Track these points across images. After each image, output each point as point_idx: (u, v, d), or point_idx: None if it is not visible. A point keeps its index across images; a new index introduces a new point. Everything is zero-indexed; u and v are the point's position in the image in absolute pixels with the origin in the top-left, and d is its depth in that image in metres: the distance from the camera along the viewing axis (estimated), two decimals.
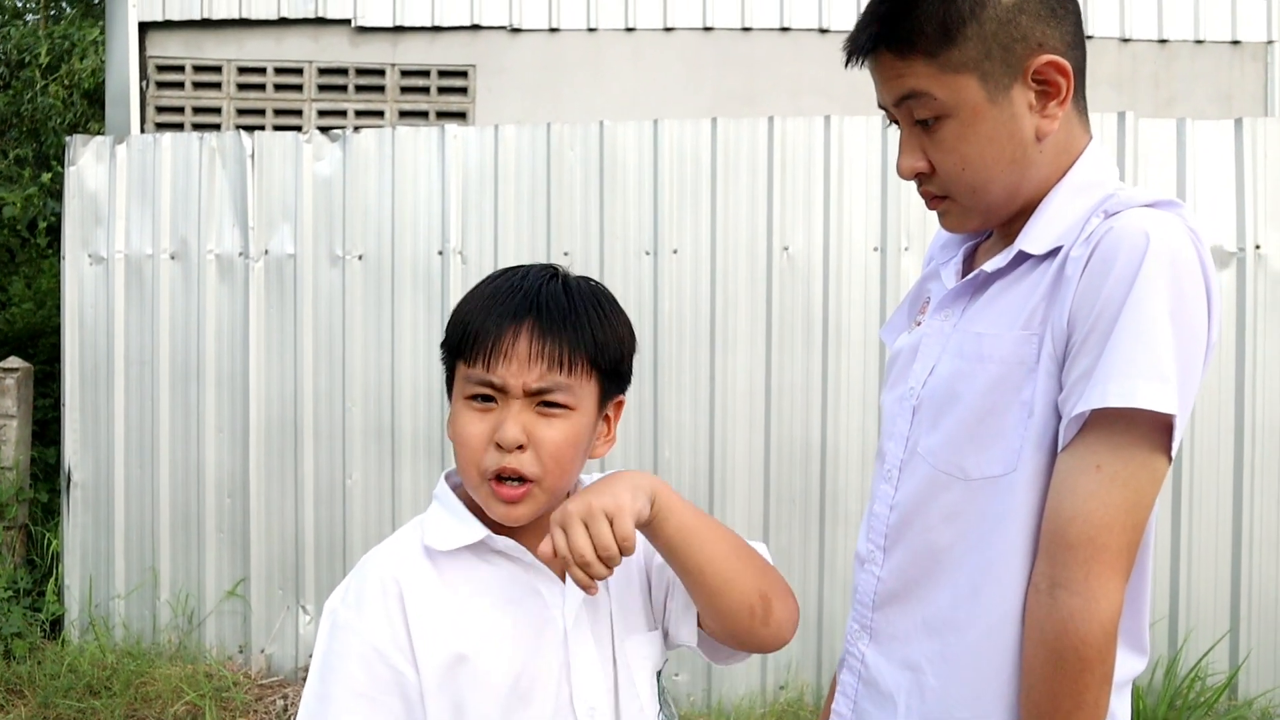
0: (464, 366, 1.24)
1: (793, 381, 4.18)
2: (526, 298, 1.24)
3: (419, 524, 1.31)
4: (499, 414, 1.22)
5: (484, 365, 1.22)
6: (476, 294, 1.29)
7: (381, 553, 1.29)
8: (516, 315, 1.22)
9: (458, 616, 1.24)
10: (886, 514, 1.34)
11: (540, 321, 1.22)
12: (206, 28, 5.25)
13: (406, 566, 1.25)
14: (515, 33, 5.34)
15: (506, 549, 1.26)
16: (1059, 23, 1.22)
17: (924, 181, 1.30)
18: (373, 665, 1.22)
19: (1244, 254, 4.00)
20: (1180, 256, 1.13)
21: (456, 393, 1.26)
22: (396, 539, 1.31)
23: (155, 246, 4.50)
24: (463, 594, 1.25)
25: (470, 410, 1.23)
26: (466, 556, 1.26)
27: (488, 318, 1.23)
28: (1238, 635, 3.99)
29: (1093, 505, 1.13)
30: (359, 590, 1.26)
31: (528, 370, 1.21)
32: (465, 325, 1.25)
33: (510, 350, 1.21)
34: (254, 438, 4.43)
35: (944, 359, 1.29)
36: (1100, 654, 1.13)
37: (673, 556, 1.25)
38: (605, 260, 4.25)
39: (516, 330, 1.22)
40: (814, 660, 4.16)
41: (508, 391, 1.22)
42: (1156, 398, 1.10)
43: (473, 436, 1.22)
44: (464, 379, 1.24)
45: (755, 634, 1.29)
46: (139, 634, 4.47)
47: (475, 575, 1.26)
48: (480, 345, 1.22)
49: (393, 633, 1.22)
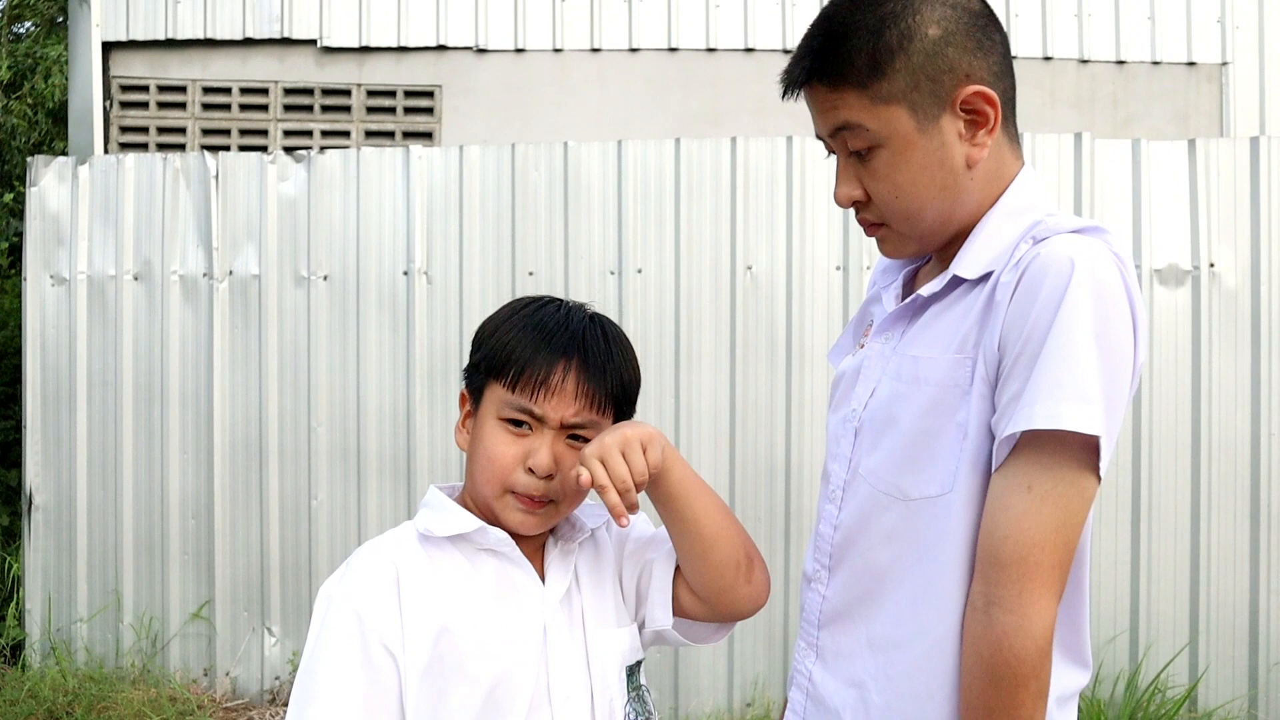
0: (503, 389, 1.34)
1: (757, 399, 4.21)
2: (574, 339, 1.35)
3: (406, 526, 1.39)
4: (532, 440, 1.33)
5: (529, 395, 1.32)
6: (517, 323, 1.37)
7: (376, 541, 1.38)
8: (566, 354, 1.34)
9: (446, 597, 1.31)
10: (831, 534, 1.36)
11: (585, 364, 1.34)
12: (171, 48, 5.25)
13: (402, 551, 1.34)
14: (481, 53, 5.36)
15: (496, 543, 1.34)
16: (985, 54, 1.26)
17: (861, 209, 1.33)
18: (365, 636, 1.28)
19: (1198, 272, 4.07)
20: (1104, 281, 1.15)
21: (488, 410, 1.35)
22: (390, 533, 1.39)
23: (118, 267, 4.48)
24: (452, 579, 1.33)
25: (504, 431, 1.34)
26: (455, 550, 1.35)
27: (538, 352, 1.33)
28: (1197, 648, 4.04)
29: (1025, 524, 1.15)
30: (354, 569, 1.34)
31: (568, 406, 1.33)
32: (511, 353, 1.34)
33: (558, 387, 1.32)
34: (218, 459, 4.41)
35: (883, 381, 1.32)
36: (1034, 669, 1.15)
37: (672, 504, 1.35)
38: (570, 280, 4.28)
39: (565, 369, 1.33)
40: (780, 676, 4.18)
41: (545, 422, 1.33)
42: (1081, 419, 1.13)
43: (505, 456, 1.33)
44: (501, 401, 1.34)
45: (738, 591, 1.39)
46: (101, 658, 4.43)
47: (464, 566, 1.34)
48: (529, 377, 1.32)
49: (385, 607, 1.29)
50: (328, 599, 1.32)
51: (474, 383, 1.40)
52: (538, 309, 1.39)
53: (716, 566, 1.37)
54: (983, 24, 1.26)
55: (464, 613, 1.31)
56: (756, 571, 1.40)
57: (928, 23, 1.23)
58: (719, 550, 1.37)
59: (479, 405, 1.38)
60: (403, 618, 1.29)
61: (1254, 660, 4.03)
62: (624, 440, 1.27)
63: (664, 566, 1.43)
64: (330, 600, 1.32)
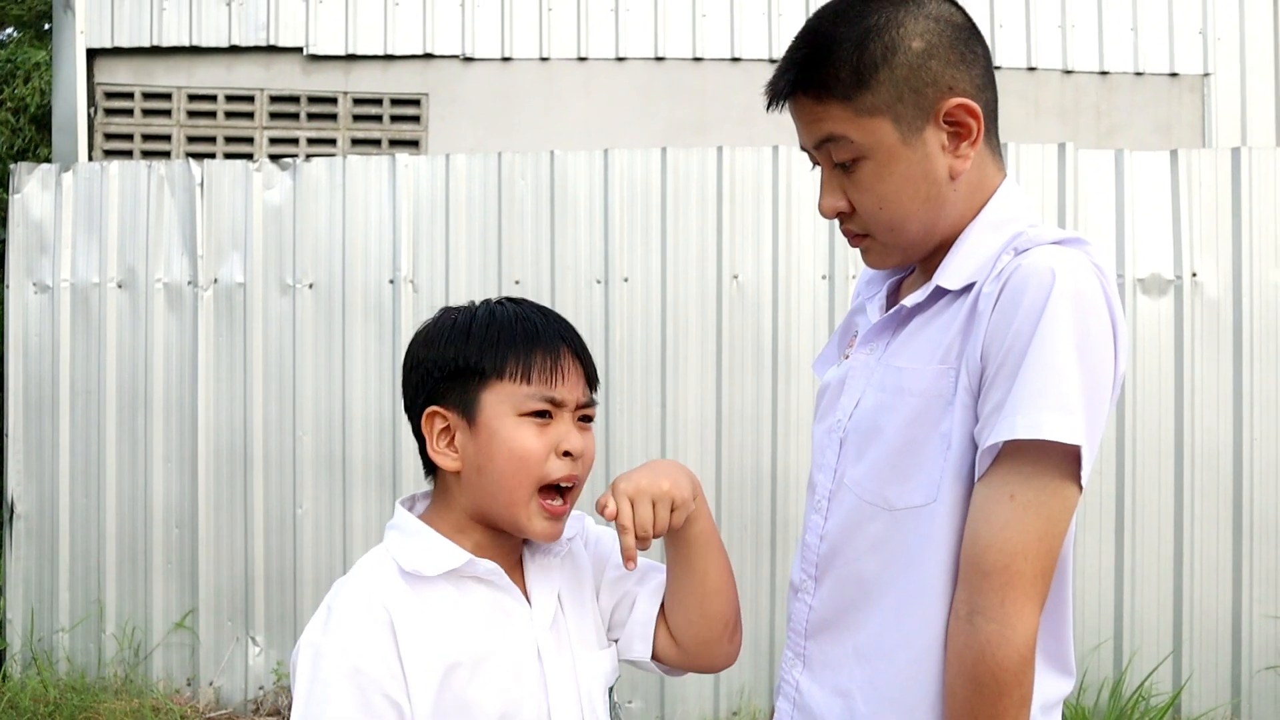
0: (515, 384, 1.31)
1: (743, 408, 4.21)
2: (558, 326, 1.37)
3: (383, 552, 1.32)
4: (557, 428, 1.33)
5: (548, 382, 1.32)
6: (486, 323, 1.35)
7: (357, 580, 1.29)
8: (563, 339, 1.35)
9: (444, 636, 1.27)
10: (817, 544, 1.37)
11: (576, 346, 1.37)
12: (156, 55, 5.24)
13: (390, 591, 1.27)
14: (468, 61, 5.37)
15: (486, 573, 1.31)
16: (968, 67, 1.27)
17: (845, 220, 1.33)
18: (364, 689, 1.22)
19: (1181, 281, 4.10)
20: (1085, 292, 1.16)
21: (499, 412, 1.31)
22: (368, 568, 1.31)
23: (102, 275, 4.46)
24: (447, 616, 1.28)
25: (532, 425, 1.31)
26: (441, 583, 1.30)
27: (538, 340, 1.33)
28: (1180, 656, 4.06)
29: (1007, 534, 1.16)
30: (340, 616, 1.25)
31: (579, 387, 1.35)
32: (509, 348, 1.32)
33: (569, 369, 1.34)
34: (203, 467, 4.39)
35: (868, 392, 1.33)
36: (1016, 678, 1.16)
37: (687, 551, 1.38)
38: (556, 289, 4.28)
39: (570, 352, 1.35)
40: (766, 686, 4.18)
41: (565, 407, 1.33)
42: (1062, 429, 1.13)
43: (539, 448, 1.31)
44: (520, 396, 1.31)
45: (720, 648, 1.42)
46: (83, 668, 4.40)
47: (454, 599, 1.30)
48: (543, 364, 1.32)
49: (383, 656, 1.23)
50: (315, 651, 1.23)
51: (456, 396, 1.33)
52: (493, 309, 1.37)
53: (709, 619, 1.39)
54: (965, 37, 1.27)
55: (464, 649, 1.27)
56: (739, 634, 1.44)
57: (911, 35, 1.24)
58: (715, 605, 1.39)
59: (472, 411, 1.31)
60: (403, 665, 1.23)
61: (1237, 668, 4.05)
62: (658, 492, 1.30)
63: (649, 602, 1.43)
64: (319, 653, 1.23)
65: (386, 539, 1.34)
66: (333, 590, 1.30)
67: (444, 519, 1.35)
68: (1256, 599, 4.03)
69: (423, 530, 1.33)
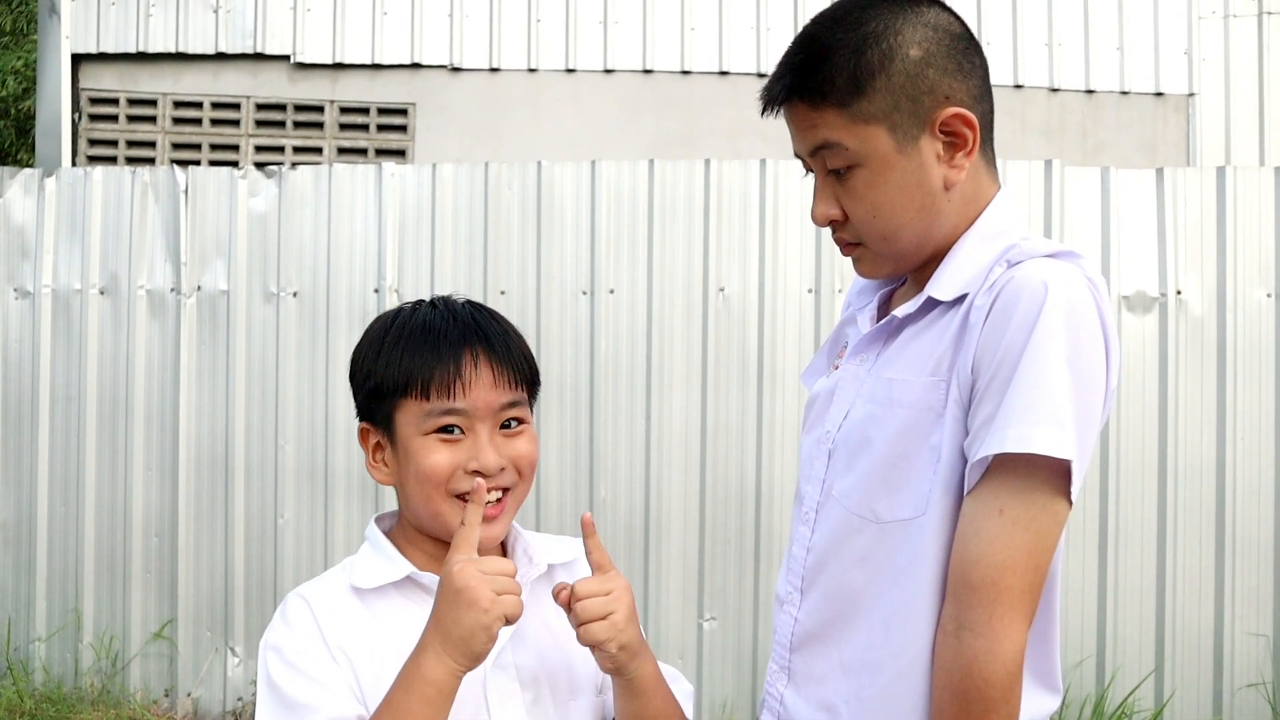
0: (418, 402, 1.26)
1: (728, 422, 4.20)
2: (468, 328, 1.29)
3: (346, 565, 1.32)
4: (469, 444, 1.26)
5: (447, 395, 1.25)
6: (398, 335, 1.29)
7: (305, 587, 1.30)
8: (467, 342, 1.27)
9: (382, 646, 1.24)
10: (804, 556, 1.36)
11: (490, 346, 1.28)
12: (142, 61, 5.21)
13: (327, 600, 1.27)
14: (456, 72, 5.36)
15: (433, 585, 1.25)
16: (965, 77, 1.26)
17: (838, 228, 1.32)
18: (319, 660, 1.22)
19: (1165, 299, 4.11)
20: (1077, 306, 1.16)
21: (408, 432, 1.26)
22: (322, 578, 1.32)
23: (84, 281, 4.43)
24: (388, 626, 1.26)
25: (435, 441, 1.25)
26: (393, 594, 1.27)
27: (439, 350, 1.26)
28: (1163, 672, 4.06)
29: (996, 548, 1.15)
30: (285, 618, 1.27)
31: (490, 392, 1.27)
32: (411, 364, 1.26)
33: (473, 377, 1.26)
34: (183, 476, 4.36)
35: (858, 403, 1.31)
36: (1004, 694, 1.15)
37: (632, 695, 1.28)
38: (542, 300, 4.26)
39: (474, 356, 1.26)
40: (749, 700, 4.16)
41: (475, 417, 1.26)
42: (1053, 443, 1.13)
43: (441, 464, 1.25)
44: (421, 414, 1.25)
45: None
46: (60, 678, 4.35)
47: (401, 612, 1.27)
48: (440, 378, 1.25)
49: (323, 644, 1.23)
50: (266, 648, 1.26)
51: (378, 414, 1.30)
52: (409, 315, 1.32)
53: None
54: (963, 47, 1.27)
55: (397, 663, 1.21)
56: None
57: (909, 43, 1.23)
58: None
59: (393, 434, 1.29)
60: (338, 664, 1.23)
61: (1219, 685, 4.05)
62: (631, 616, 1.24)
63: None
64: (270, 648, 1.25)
65: (361, 548, 1.35)
66: (289, 594, 1.31)
67: (401, 532, 1.35)
68: (1239, 616, 4.04)
69: (382, 543, 1.32)
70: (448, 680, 1.16)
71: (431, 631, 1.17)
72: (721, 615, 4.17)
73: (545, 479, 4.20)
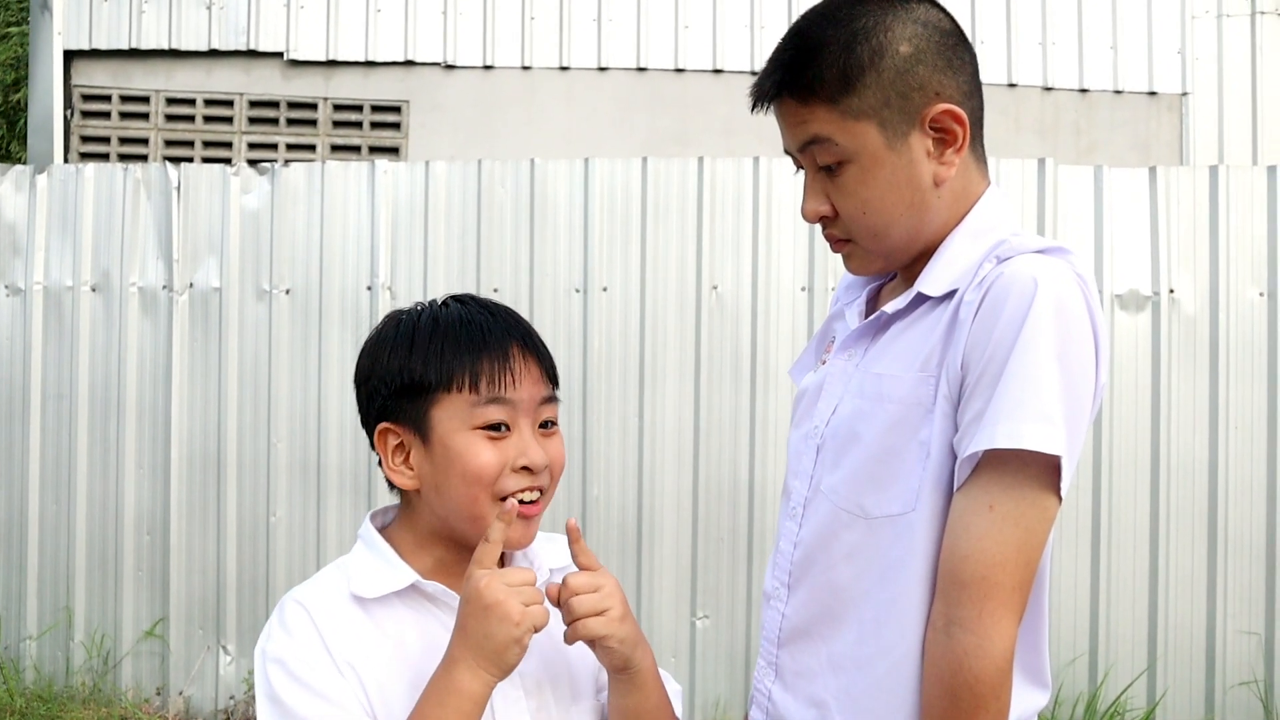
0: (464, 395, 1.22)
1: (721, 419, 4.20)
2: (504, 322, 1.26)
3: (341, 567, 1.27)
4: (515, 440, 1.23)
5: (499, 386, 1.22)
6: (429, 330, 1.25)
7: (302, 593, 1.25)
8: (513, 335, 1.25)
9: (385, 656, 1.21)
10: (791, 551, 1.35)
11: (529, 339, 1.26)
12: (135, 57, 5.20)
13: (328, 609, 1.22)
14: (450, 69, 5.35)
15: (438, 594, 1.23)
16: (955, 73, 1.26)
17: (828, 225, 1.32)
18: (326, 673, 1.18)
19: (1158, 298, 4.12)
20: (1066, 302, 1.15)
21: (451, 427, 1.22)
22: (318, 582, 1.26)
23: (76, 278, 4.42)
24: (391, 636, 1.22)
25: (482, 440, 1.22)
26: (394, 603, 1.23)
27: (486, 343, 1.23)
28: (1155, 671, 4.06)
29: (986, 544, 1.15)
30: (285, 627, 1.21)
31: (538, 385, 1.25)
32: (454, 356, 1.22)
33: (521, 369, 1.23)
34: (175, 474, 4.34)
35: (846, 398, 1.31)
36: (994, 690, 1.15)
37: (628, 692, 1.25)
38: (535, 297, 4.26)
39: (521, 350, 1.24)
40: (741, 697, 4.16)
41: (520, 412, 1.23)
42: (1042, 439, 1.12)
43: (491, 465, 1.21)
44: (469, 407, 1.22)
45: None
46: (51, 676, 4.34)
47: (403, 621, 1.23)
48: (491, 368, 1.22)
49: (328, 656, 1.19)
50: (264, 657, 1.21)
51: (407, 413, 1.25)
52: (441, 311, 1.28)
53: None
54: (953, 43, 1.26)
55: (401, 674, 1.20)
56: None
57: (899, 40, 1.23)
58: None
59: (427, 433, 1.24)
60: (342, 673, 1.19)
61: (1211, 683, 4.05)
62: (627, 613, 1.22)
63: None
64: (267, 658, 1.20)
65: (354, 549, 1.30)
66: (285, 596, 1.26)
67: (405, 535, 1.29)
68: (1231, 614, 4.04)
69: (380, 546, 1.27)
70: (483, 692, 1.15)
71: (460, 646, 1.15)
72: (714, 613, 4.17)
73: None
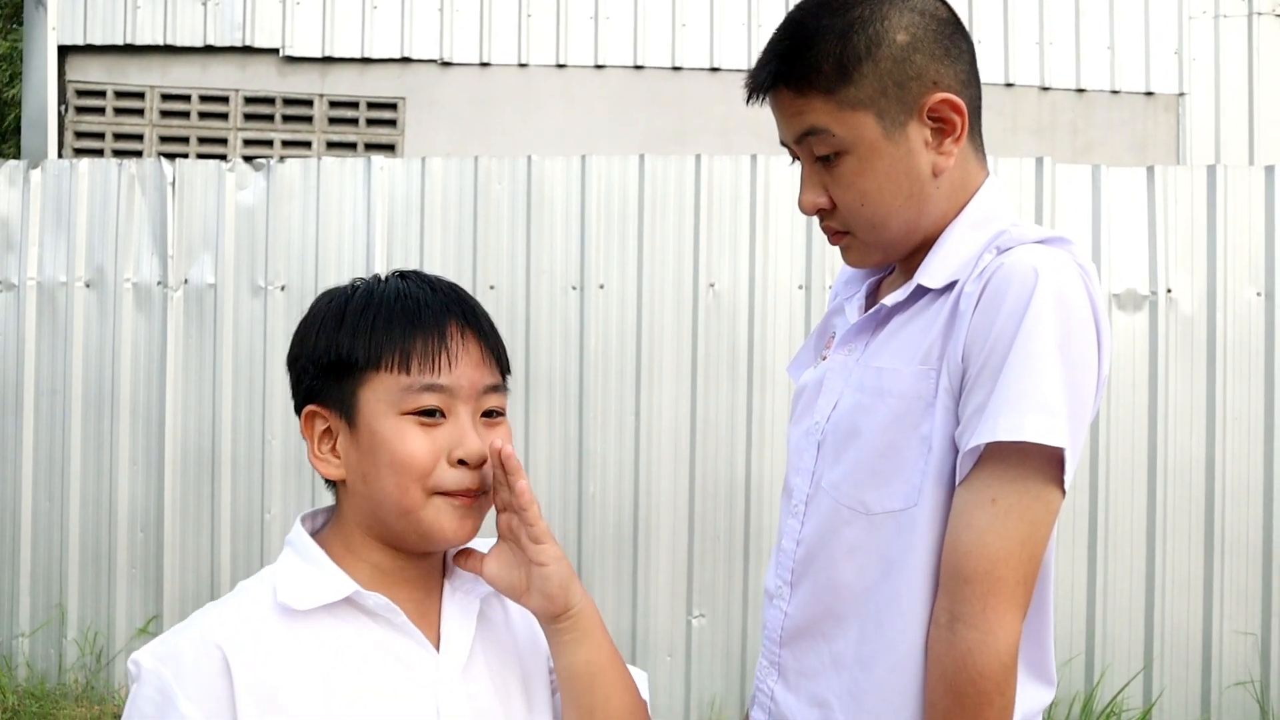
0: (394, 376, 1.08)
1: (718, 417, 4.19)
2: (447, 297, 1.13)
3: (268, 577, 1.13)
4: (450, 429, 1.09)
5: (432, 368, 1.08)
6: (364, 303, 1.13)
7: (214, 613, 1.09)
8: (451, 312, 1.12)
9: (310, 681, 1.06)
10: (793, 549, 1.34)
11: (474, 317, 1.13)
12: (130, 53, 5.18)
13: (241, 630, 1.07)
14: (446, 66, 5.34)
15: (378, 608, 1.10)
16: (953, 62, 1.24)
17: (826, 217, 1.30)
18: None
19: (1156, 297, 4.11)
20: (1068, 292, 1.14)
21: (378, 411, 1.09)
22: (238, 596, 1.11)
23: (70, 274, 4.39)
24: (320, 657, 1.07)
25: (413, 426, 1.08)
26: (324, 617, 1.09)
27: (419, 318, 1.10)
28: (1151, 671, 4.05)
29: (989, 538, 1.13)
30: (176, 649, 1.06)
31: (478, 369, 1.11)
32: (386, 332, 1.09)
33: (461, 350, 1.10)
34: (169, 470, 4.33)
35: (846, 393, 1.29)
36: (999, 686, 1.13)
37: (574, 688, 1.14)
38: (531, 294, 4.24)
39: (460, 328, 1.11)
40: (737, 697, 4.15)
41: (458, 398, 1.09)
42: (1045, 431, 1.11)
43: (422, 454, 1.08)
44: (398, 390, 1.08)
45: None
46: (43, 674, 4.32)
47: (335, 638, 1.09)
48: (424, 346, 1.08)
49: (212, 709, 1.03)
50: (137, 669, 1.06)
51: (335, 395, 1.12)
52: (377, 286, 1.15)
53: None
54: (950, 32, 1.25)
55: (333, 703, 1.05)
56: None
57: (896, 29, 1.22)
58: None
59: (351, 410, 1.11)
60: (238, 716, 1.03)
61: (1207, 683, 4.05)
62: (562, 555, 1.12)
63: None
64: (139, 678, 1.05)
65: (280, 557, 1.15)
66: (194, 614, 1.11)
67: (337, 537, 1.15)
68: (1227, 615, 4.04)
69: (312, 552, 1.12)
70: None
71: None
72: (710, 612, 4.16)
73: (533, 475, 4.18)
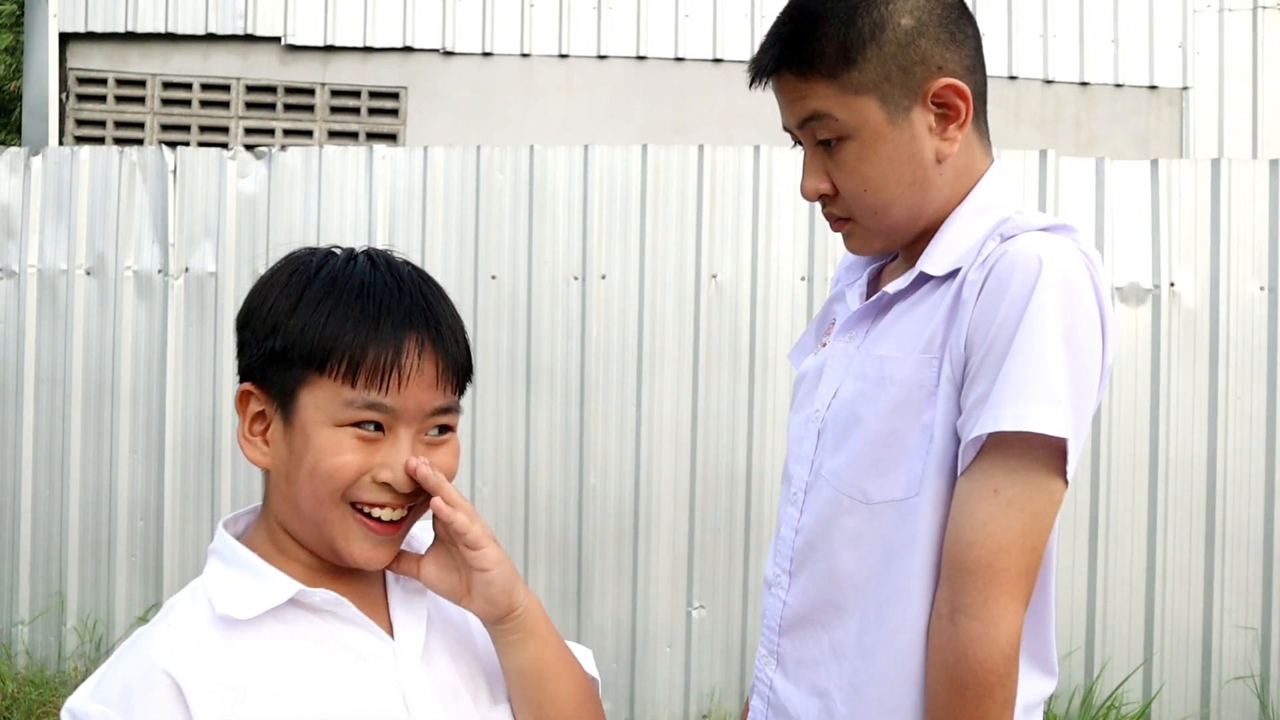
0: (337, 385, 1.01)
1: (719, 408, 4.18)
2: (415, 303, 1.04)
3: (199, 591, 1.05)
4: (385, 447, 1.03)
5: (379, 387, 1.01)
6: (323, 290, 1.04)
7: (152, 639, 1.01)
8: (414, 325, 1.03)
9: (268, 691, 1.00)
10: (792, 537, 1.33)
11: (438, 333, 1.05)
12: (131, 41, 5.16)
13: (186, 651, 0.99)
14: (448, 55, 5.32)
15: (325, 604, 1.04)
16: (958, 47, 1.23)
17: (828, 203, 1.29)
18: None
19: (1159, 291, 4.10)
20: (1072, 280, 1.13)
21: (314, 414, 1.02)
22: (172, 616, 1.03)
23: (70, 262, 4.39)
24: (274, 665, 1.01)
25: (348, 437, 1.01)
26: (270, 623, 1.02)
27: (377, 327, 1.01)
28: (1151, 666, 4.05)
29: (991, 529, 1.12)
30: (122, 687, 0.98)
31: (428, 392, 1.03)
32: (336, 334, 1.01)
33: (414, 371, 1.02)
34: (169, 459, 4.32)
35: (847, 381, 1.28)
36: (1000, 678, 1.13)
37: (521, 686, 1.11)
38: (533, 284, 4.23)
39: (419, 344, 1.03)
40: (737, 687, 4.15)
41: (401, 419, 1.02)
42: (1049, 421, 1.10)
43: (348, 468, 1.01)
44: (340, 401, 1.01)
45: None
46: (43, 661, 4.32)
47: (286, 643, 1.02)
48: (374, 363, 1.01)
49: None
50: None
51: (275, 383, 1.04)
52: (341, 268, 1.06)
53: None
54: (955, 16, 1.24)
55: (297, 709, 1.00)
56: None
57: (901, 12, 1.21)
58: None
59: (289, 405, 1.03)
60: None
61: (1207, 677, 4.04)
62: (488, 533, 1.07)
63: None
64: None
65: (205, 569, 1.07)
66: (124, 646, 1.03)
67: (264, 536, 1.08)
68: (1228, 609, 4.03)
69: (241, 555, 1.05)
70: None
71: None
72: (711, 603, 4.16)
73: (534, 466, 4.18)
